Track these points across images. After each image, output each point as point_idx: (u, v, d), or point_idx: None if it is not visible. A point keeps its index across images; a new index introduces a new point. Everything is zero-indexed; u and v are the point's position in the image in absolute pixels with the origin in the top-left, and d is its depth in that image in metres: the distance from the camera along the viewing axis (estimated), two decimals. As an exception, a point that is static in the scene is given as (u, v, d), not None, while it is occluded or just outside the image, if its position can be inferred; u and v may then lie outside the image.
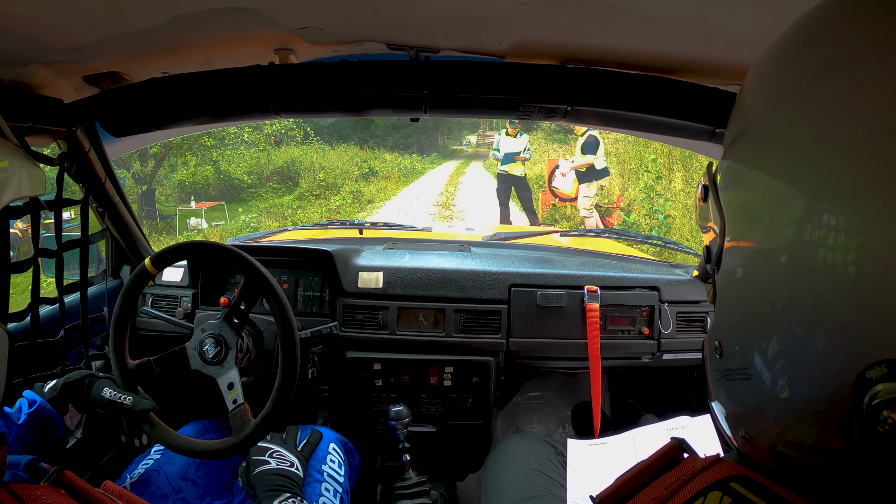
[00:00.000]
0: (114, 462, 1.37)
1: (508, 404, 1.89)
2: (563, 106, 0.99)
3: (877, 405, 0.29)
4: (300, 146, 14.25)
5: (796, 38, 0.39)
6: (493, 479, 1.07)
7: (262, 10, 0.79)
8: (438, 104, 1.01)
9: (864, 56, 0.32)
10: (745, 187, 0.41)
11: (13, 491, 0.52)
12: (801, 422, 0.36)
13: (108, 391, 0.96)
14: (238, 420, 1.04)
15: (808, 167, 0.34)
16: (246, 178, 12.13)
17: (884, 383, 0.29)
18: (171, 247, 1.10)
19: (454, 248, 1.70)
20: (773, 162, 0.38)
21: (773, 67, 0.41)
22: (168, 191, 11.02)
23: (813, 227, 0.33)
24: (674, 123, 1.00)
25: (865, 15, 0.33)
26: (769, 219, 0.37)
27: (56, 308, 1.15)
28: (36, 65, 0.90)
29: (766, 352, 0.37)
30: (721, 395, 0.46)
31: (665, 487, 0.42)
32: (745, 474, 0.39)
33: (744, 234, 0.41)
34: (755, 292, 0.39)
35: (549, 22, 0.81)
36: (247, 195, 11.72)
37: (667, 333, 1.45)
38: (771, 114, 0.39)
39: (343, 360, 1.44)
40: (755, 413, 0.41)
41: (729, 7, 0.70)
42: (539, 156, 13.99)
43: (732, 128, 0.45)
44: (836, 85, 0.33)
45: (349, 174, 13.36)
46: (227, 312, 1.11)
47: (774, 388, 0.37)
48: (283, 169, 12.93)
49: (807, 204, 0.33)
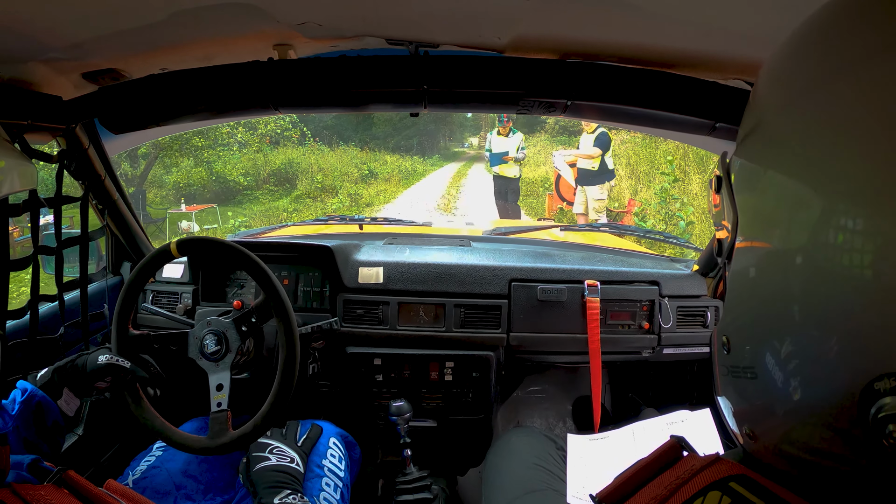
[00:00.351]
0: (115, 459, 1.37)
1: (509, 399, 1.89)
2: (563, 100, 0.98)
3: (882, 418, 0.29)
4: (298, 147, 13.98)
5: (812, 33, 0.38)
6: (494, 473, 1.07)
7: (261, 5, 0.79)
8: (438, 99, 1.00)
9: (882, 54, 0.31)
10: (758, 185, 0.41)
11: (17, 491, 0.53)
12: (807, 423, 0.36)
13: (103, 357, 0.96)
14: (217, 424, 1.03)
15: (823, 166, 0.33)
16: (242, 180, 11.80)
17: (891, 396, 0.29)
18: (200, 237, 1.10)
19: (454, 243, 1.70)
20: (786, 159, 0.37)
21: (788, 62, 0.40)
22: (163, 192, 10.85)
23: (828, 229, 0.32)
24: (674, 117, 0.99)
25: (884, 12, 0.32)
26: (781, 218, 0.37)
27: (56, 305, 1.15)
28: (34, 62, 0.90)
29: (778, 352, 0.37)
30: (728, 391, 0.46)
31: (665, 486, 0.42)
32: (745, 474, 0.39)
33: (756, 234, 0.41)
34: (768, 293, 0.39)
35: (549, 16, 0.80)
36: (243, 197, 11.48)
37: (667, 328, 1.46)
38: (785, 110, 0.38)
39: (344, 355, 1.44)
40: (761, 411, 0.41)
41: (728, 1, 0.70)
42: (544, 157, 13.67)
43: (745, 124, 0.44)
44: (854, 82, 0.32)
45: (348, 176, 13.13)
46: (237, 316, 1.11)
47: (783, 389, 0.37)
48: (281, 170, 12.63)
49: (822, 204, 0.33)
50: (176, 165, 10.90)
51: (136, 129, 1.09)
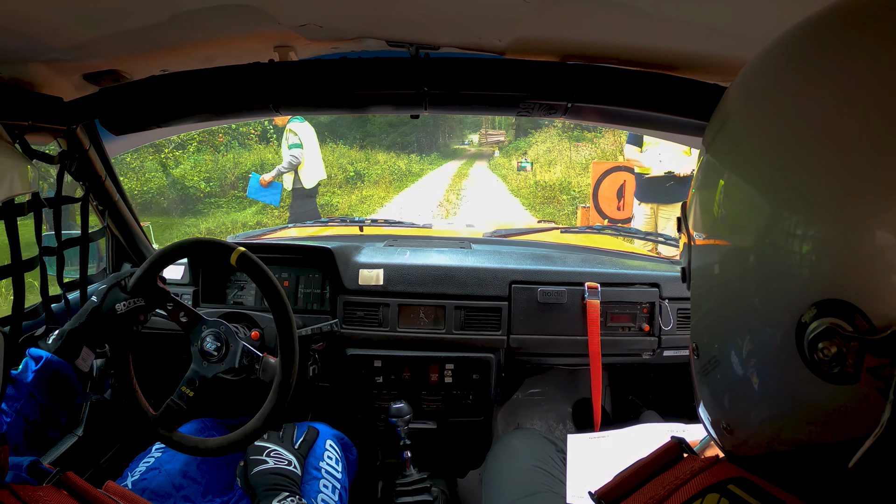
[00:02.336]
0: (115, 460, 1.37)
1: (509, 401, 1.89)
2: (564, 102, 0.98)
3: (812, 340, 0.34)
4: (267, 146, 11.32)
5: (776, 51, 0.42)
6: (494, 475, 1.07)
7: (262, 7, 0.79)
8: (439, 101, 1.00)
9: (822, 79, 0.37)
10: (716, 183, 0.44)
11: (16, 492, 0.52)
12: (769, 395, 0.39)
13: (120, 305, 0.96)
14: (170, 413, 1.00)
15: (769, 170, 0.39)
16: (203, 186, 9.67)
17: (815, 321, 0.34)
18: (260, 264, 1.02)
19: (455, 245, 1.70)
20: (740, 164, 0.42)
21: (754, 75, 0.45)
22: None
23: (774, 230, 0.37)
24: (675, 120, 0.99)
25: (825, 47, 0.38)
26: (735, 218, 0.41)
27: (60, 306, 1.15)
28: (35, 63, 0.90)
29: (735, 338, 0.41)
30: (704, 393, 0.48)
31: (663, 486, 0.42)
32: (743, 476, 0.40)
33: (713, 232, 0.45)
34: (717, 287, 0.44)
35: (550, 18, 0.81)
36: (205, 206, 9.33)
37: (667, 330, 1.46)
38: (744, 116, 0.43)
39: (344, 357, 1.44)
40: (731, 399, 0.44)
41: (729, 3, 0.70)
42: (556, 155, 12.66)
43: (713, 124, 0.48)
44: (798, 102, 0.38)
45: (331, 179, 10.87)
46: (252, 343, 1.10)
47: (741, 369, 0.41)
48: (251, 174, 10.72)
49: (770, 208, 0.37)
50: (132, 170, 9.06)
51: (137, 131, 1.09)
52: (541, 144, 14.63)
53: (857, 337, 0.32)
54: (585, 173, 9.34)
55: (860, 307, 0.32)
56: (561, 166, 11.82)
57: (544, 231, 2.07)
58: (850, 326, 0.32)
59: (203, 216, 8.97)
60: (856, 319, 0.32)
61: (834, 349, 0.33)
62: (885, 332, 0.31)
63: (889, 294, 0.31)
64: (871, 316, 0.32)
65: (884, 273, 0.32)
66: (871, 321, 0.32)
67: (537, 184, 11.11)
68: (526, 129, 18.09)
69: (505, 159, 16.88)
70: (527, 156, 14.26)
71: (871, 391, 0.32)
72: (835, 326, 0.33)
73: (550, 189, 10.47)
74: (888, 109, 0.33)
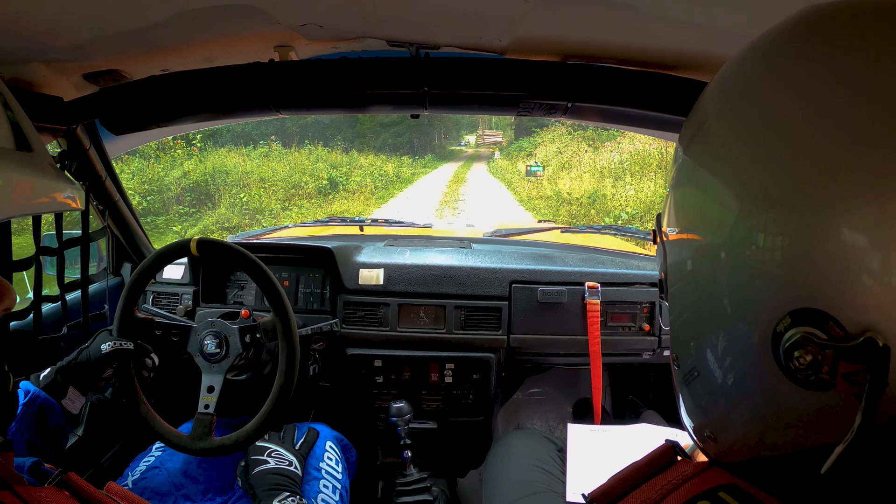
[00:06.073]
0: (115, 460, 1.37)
1: (509, 401, 1.89)
2: (564, 102, 0.98)
3: (788, 348, 0.34)
4: (241, 150, 9.69)
5: (749, 55, 0.43)
6: (494, 475, 1.07)
7: (262, 7, 0.79)
8: (439, 101, 1.00)
9: (787, 87, 0.37)
10: (692, 180, 0.45)
11: (18, 493, 0.52)
12: (749, 402, 0.39)
13: (105, 345, 0.95)
14: (200, 426, 1.02)
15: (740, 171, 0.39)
16: (141, 201, 8.48)
17: (790, 330, 0.34)
18: (221, 242, 1.07)
19: (455, 245, 1.70)
20: (712, 162, 0.42)
21: (728, 76, 0.45)
22: (46, 226, 7.99)
23: (743, 227, 0.37)
24: (675, 120, 0.99)
25: (788, 59, 0.39)
26: (707, 214, 0.42)
27: (58, 306, 1.15)
28: (36, 63, 0.90)
29: (713, 341, 0.41)
30: (687, 403, 0.48)
31: (656, 490, 0.43)
32: (734, 483, 0.40)
33: (687, 227, 0.45)
34: (690, 287, 0.44)
35: (550, 18, 0.81)
36: (144, 225, 7.67)
37: (668, 330, 1.45)
38: (719, 118, 0.43)
39: (344, 356, 1.44)
40: (713, 406, 0.44)
41: (728, 3, 0.70)
42: (570, 157, 11.25)
43: (691, 123, 0.49)
44: (765, 105, 0.39)
45: (299, 188, 9.47)
46: (243, 325, 1.10)
47: (720, 376, 0.41)
48: (202, 185, 8.94)
49: (739, 206, 0.38)
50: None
51: (137, 130, 1.09)
52: (549, 145, 13.56)
53: (831, 345, 0.32)
54: (619, 182, 8.40)
55: (833, 314, 0.32)
56: (579, 171, 10.03)
57: (544, 231, 2.07)
58: (825, 334, 0.32)
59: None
60: (829, 327, 0.32)
61: (809, 357, 0.33)
62: (858, 338, 0.31)
63: (860, 298, 0.31)
64: (844, 323, 0.32)
65: (854, 277, 0.31)
66: (845, 328, 0.32)
67: (558, 195, 9.44)
68: (528, 129, 17.49)
69: (507, 162, 15.75)
70: (536, 158, 13.20)
71: (847, 396, 0.32)
72: (809, 335, 0.33)
73: (578, 204, 8.58)
74: (855, 115, 0.33)
